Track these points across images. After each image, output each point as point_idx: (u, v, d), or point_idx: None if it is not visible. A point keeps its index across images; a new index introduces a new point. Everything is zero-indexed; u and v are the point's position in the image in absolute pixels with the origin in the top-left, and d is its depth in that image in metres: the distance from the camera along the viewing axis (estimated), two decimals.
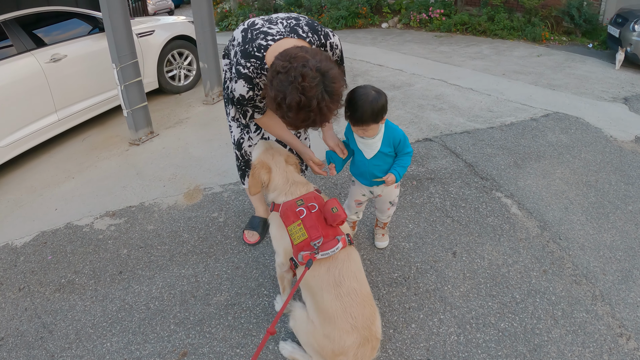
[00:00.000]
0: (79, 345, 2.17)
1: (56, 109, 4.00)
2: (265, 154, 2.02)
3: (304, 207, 1.83)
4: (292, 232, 1.81)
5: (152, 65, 4.92)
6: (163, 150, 3.98)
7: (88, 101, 4.31)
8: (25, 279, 2.62)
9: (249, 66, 1.85)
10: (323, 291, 1.70)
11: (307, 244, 1.75)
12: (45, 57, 3.87)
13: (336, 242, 1.74)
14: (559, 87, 5.20)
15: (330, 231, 1.79)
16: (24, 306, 2.43)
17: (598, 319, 2.15)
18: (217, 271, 2.52)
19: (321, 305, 1.71)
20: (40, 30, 4.10)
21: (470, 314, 2.17)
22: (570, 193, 3.09)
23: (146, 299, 2.39)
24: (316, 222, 1.79)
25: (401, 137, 2.10)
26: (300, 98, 1.54)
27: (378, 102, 1.92)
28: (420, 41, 7.84)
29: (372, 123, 1.97)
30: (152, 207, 3.15)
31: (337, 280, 1.70)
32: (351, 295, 1.69)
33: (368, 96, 1.92)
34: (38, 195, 3.46)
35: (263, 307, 2.27)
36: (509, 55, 6.74)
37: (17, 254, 2.83)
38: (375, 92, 1.95)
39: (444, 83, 5.33)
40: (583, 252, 2.56)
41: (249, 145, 2.44)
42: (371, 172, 2.18)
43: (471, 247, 2.59)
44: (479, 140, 3.81)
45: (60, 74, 3.98)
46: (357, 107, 1.93)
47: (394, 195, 2.38)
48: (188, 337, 2.14)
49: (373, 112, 1.92)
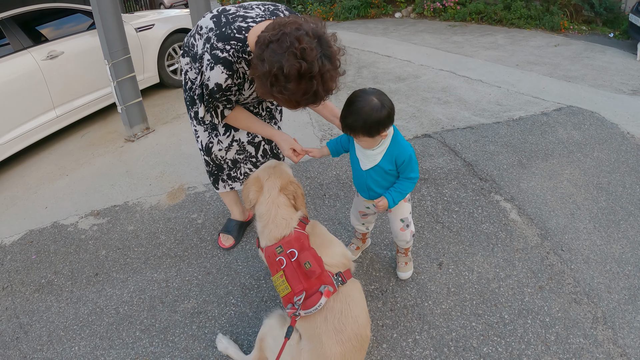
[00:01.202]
0: (50, 347, 2.15)
1: (54, 105, 4.01)
2: (265, 171, 1.83)
3: (283, 255, 1.65)
4: (276, 283, 1.66)
5: (152, 60, 4.87)
6: (156, 147, 3.93)
7: (87, 97, 4.30)
8: (10, 278, 2.61)
9: (229, 49, 1.67)
10: (322, 336, 1.55)
11: (292, 298, 1.60)
12: (42, 55, 3.87)
13: (319, 297, 1.55)
14: (575, 78, 4.84)
15: (315, 281, 1.59)
16: (5, 305, 2.43)
17: (597, 345, 1.91)
18: (188, 276, 2.43)
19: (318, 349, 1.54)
20: (38, 28, 4.10)
21: (449, 335, 1.98)
22: (579, 197, 2.82)
23: (117, 303, 2.33)
24: (296, 271, 1.61)
25: (406, 158, 1.79)
26: (300, 64, 1.38)
27: (375, 114, 1.63)
28: (433, 31, 7.51)
29: (363, 136, 1.71)
30: (135, 207, 3.09)
31: (338, 328, 1.56)
32: (352, 342, 1.55)
33: (367, 103, 1.65)
34: (33, 192, 3.47)
35: (228, 317, 2.16)
36: (524, 45, 6.36)
37: (5, 252, 2.84)
38: (379, 101, 1.65)
39: (453, 75, 5.05)
40: (587, 266, 2.31)
41: (219, 149, 2.27)
42: (367, 185, 1.93)
43: (460, 258, 2.38)
44: (482, 136, 3.55)
45: (57, 71, 3.97)
46: (350, 112, 1.68)
47: (405, 212, 2.04)
48: (151, 345, 2.08)
49: (365, 124, 1.65)
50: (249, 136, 2.28)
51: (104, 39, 3.65)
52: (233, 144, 2.27)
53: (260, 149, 2.35)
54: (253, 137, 2.30)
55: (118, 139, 4.20)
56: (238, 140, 2.28)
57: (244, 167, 2.39)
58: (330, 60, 1.46)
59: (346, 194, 2.96)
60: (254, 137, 2.30)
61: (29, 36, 3.95)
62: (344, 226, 2.67)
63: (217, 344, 1.99)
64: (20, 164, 3.96)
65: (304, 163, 3.36)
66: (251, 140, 2.30)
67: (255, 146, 2.33)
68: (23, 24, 3.95)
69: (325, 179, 3.16)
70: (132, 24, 4.64)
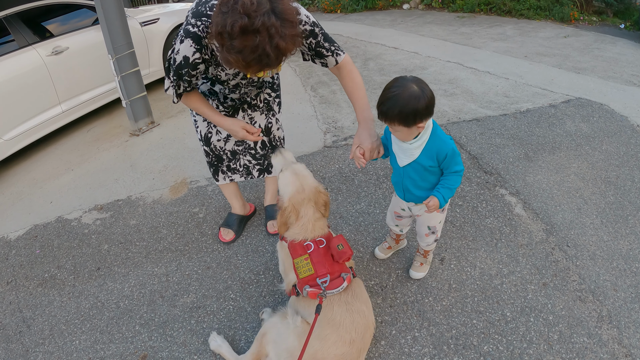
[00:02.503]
0: (52, 341, 2.17)
1: (60, 101, 4.03)
2: (297, 196, 1.83)
3: (312, 241, 1.79)
4: (298, 265, 1.78)
5: (157, 54, 4.86)
6: (160, 141, 3.93)
7: (92, 92, 4.32)
8: (14, 273, 2.65)
9: (199, 25, 1.67)
10: (333, 304, 1.70)
11: (313, 280, 1.74)
12: (47, 50, 3.88)
13: (341, 281, 1.73)
14: (585, 70, 4.71)
15: (337, 267, 1.77)
16: (9, 300, 2.46)
17: (601, 345, 1.86)
18: (188, 270, 2.43)
19: (328, 315, 1.68)
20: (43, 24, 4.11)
21: (449, 333, 1.95)
22: (586, 191, 2.75)
23: (117, 297, 2.35)
24: (323, 258, 1.77)
25: (448, 152, 1.67)
26: (242, 20, 1.36)
27: (412, 103, 1.53)
28: (441, 22, 7.38)
29: (399, 124, 1.60)
30: (137, 201, 3.10)
31: (348, 301, 1.74)
32: (360, 314, 1.71)
33: (405, 90, 1.54)
34: (38, 187, 3.51)
35: (227, 312, 2.16)
36: (534, 36, 6.21)
37: (10, 247, 2.87)
38: (419, 89, 1.55)
39: (460, 66, 4.95)
40: (593, 263, 2.24)
41: (217, 139, 2.28)
42: (404, 184, 1.85)
43: (462, 254, 2.34)
44: (488, 129, 3.47)
45: (62, 66, 3.98)
46: (387, 98, 1.58)
47: (435, 222, 1.96)
48: (150, 340, 2.09)
49: (401, 112, 1.55)
50: None
51: (107, 34, 3.65)
52: (230, 137, 2.28)
53: (258, 141, 2.31)
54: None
55: (123, 133, 4.21)
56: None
57: (243, 158, 2.38)
58: (279, 17, 1.41)
59: (348, 188, 2.93)
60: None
61: (34, 32, 3.96)
62: (345, 220, 2.64)
63: (210, 342, 1.99)
64: (27, 160, 4.00)
65: (306, 156, 3.33)
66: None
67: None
68: (28, 20, 3.96)
69: (327, 172, 3.13)
70: (137, 18, 4.63)
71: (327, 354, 1.60)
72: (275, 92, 2.29)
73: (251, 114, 2.24)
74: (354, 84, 1.93)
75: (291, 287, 1.88)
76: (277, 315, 1.85)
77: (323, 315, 1.68)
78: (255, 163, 2.40)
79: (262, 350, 1.78)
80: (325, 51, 1.85)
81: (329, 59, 1.88)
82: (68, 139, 4.27)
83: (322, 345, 1.61)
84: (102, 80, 4.37)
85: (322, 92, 4.57)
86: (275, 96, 2.28)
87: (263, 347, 1.77)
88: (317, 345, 1.61)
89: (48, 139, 4.25)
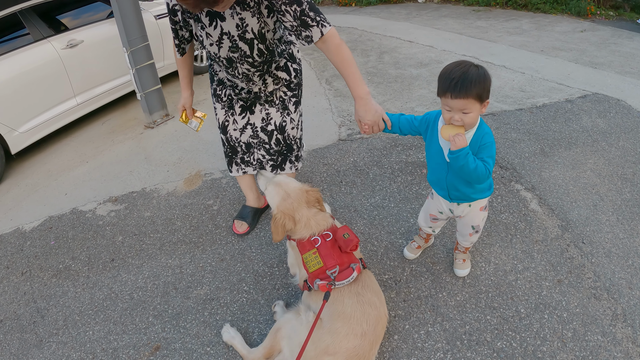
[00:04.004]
0: (65, 331, 2.20)
1: (75, 93, 4.07)
2: (284, 203, 1.86)
3: (318, 235, 1.83)
4: (307, 260, 1.81)
5: (172, 47, 4.86)
6: (175, 134, 3.95)
7: (107, 85, 4.35)
8: (29, 264, 2.68)
9: None
10: (344, 297, 1.71)
11: (323, 272, 1.75)
12: (61, 44, 3.92)
13: (351, 271, 1.74)
14: (602, 65, 4.62)
15: (345, 258, 1.79)
16: (23, 290, 2.50)
17: (615, 343, 1.82)
18: (201, 263, 2.44)
19: (339, 308, 1.69)
20: (57, 17, 4.15)
21: (463, 328, 1.93)
22: (602, 187, 2.70)
23: (131, 289, 2.37)
24: (331, 250, 1.79)
25: (489, 142, 1.62)
26: None
27: (482, 79, 1.51)
28: (456, 16, 7.29)
29: (475, 100, 1.52)
30: (152, 193, 3.12)
31: (359, 292, 1.74)
32: (371, 305, 1.70)
33: (471, 69, 1.53)
34: (53, 179, 3.55)
35: (240, 304, 2.17)
36: (550, 30, 6.12)
37: (25, 238, 2.91)
38: (480, 69, 1.55)
39: (476, 60, 4.85)
40: (608, 260, 2.21)
41: (234, 129, 2.31)
42: (449, 181, 1.78)
43: (477, 249, 2.31)
44: (504, 123, 3.43)
45: (77, 59, 4.01)
46: (458, 76, 1.51)
47: (478, 220, 1.93)
48: (163, 331, 2.10)
49: (479, 85, 1.50)
50: (262, 122, 2.28)
51: (122, 27, 3.67)
52: (247, 127, 2.31)
53: (273, 137, 2.33)
54: (266, 124, 2.29)
55: (138, 125, 4.24)
56: (252, 124, 2.30)
57: (257, 152, 2.39)
58: None
59: (363, 182, 2.91)
60: (267, 124, 2.29)
61: (49, 25, 3.99)
62: (360, 214, 2.63)
63: (223, 334, 1.99)
64: (42, 152, 4.05)
65: (321, 149, 3.32)
66: (264, 127, 2.29)
67: (268, 134, 2.32)
68: (42, 14, 3.99)
69: (342, 166, 3.11)
70: (151, 11, 4.64)
71: (339, 347, 1.59)
72: (292, 91, 2.27)
73: (268, 109, 2.27)
74: (343, 59, 1.82)
75: (303, 282, 1.89)
76: (291, 311, 1.87)
77: (334, 308, 1.69)
78: (269, 158, 2.40)
79: (276, 345, 1.78)
80: (311, 21, 1.76)
81: (314, 30, 1.78)
82: (83, 132, 4.32)
83: (334, 339, 1.60)
84: (117, 73, 4.40)
85: (337, 85, 4.55)
86: (292, 95, 2.27)
87: (277, 342, 1.78)
88: (328, 339, 1.60)
89: (63, 132, 4.30)
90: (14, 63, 3.65)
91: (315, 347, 1.60)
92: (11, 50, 3.69)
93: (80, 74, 4.07)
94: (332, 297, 1.72)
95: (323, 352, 1.59)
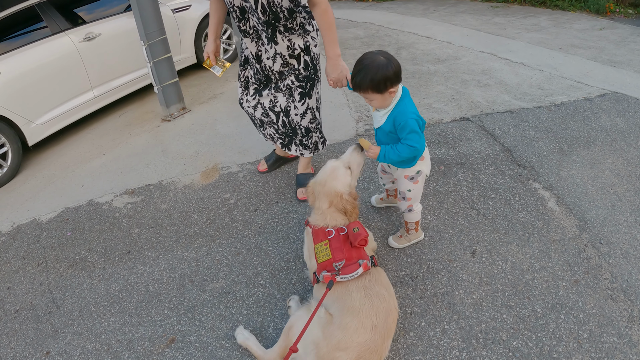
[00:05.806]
0: (81, 322, 2.22)
1: (92, 86, 4.11)
2: (316, 186, 2.01)
3: (333, 228, 1.89)
4: (318, 250, 1.86)
5: (189, 40, 4.89)
6: (192, 127, 3.96)
7: (124, 78, 4.39)
8: (45, 255, 2.72)
9: None
10: (352, 291, 1.72)
11: (330, 264, 1.79)
12: (79, 37, 3.96)
13: (357, 267, 1.75)
14: (621, 63, 4.52)
15: (354, 254, 1.81)
16: (39, 281, 2.53)
17: (632, 346, 1.80)
18: (218, 256, 2.46)
19: (347, 302, 1.69)
20: (75, 10, 4.18)
21: (479, 327, 1.91)
22: (620, 187, 2.65)
23: (147, 281, 2.39)
24: (342, 244, 1.83)
25: (402, 121, 1.83)
26: None
27: (382, 71, 1.74)
28: (474, 12, 7.19)
29: (372, 92, 1.80)
30: (168, 186, 3.14)
31: (367, 286, 1.74)
32: (379, 298, 1.70)
33: (373, 61, 1.76)
34: (70, 171, 3.59)
35: (256, 298, 2.17)
36: (568, 27, 6.01)
37: (41, 229, 2.95)
38: (385, 59, 1.77)
39: (494, 57, 4.81)
40: (626, 261, 2.17)
41: (248, 106, 2.63)
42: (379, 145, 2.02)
43: (494, 247, 2.29)
44: (522, 121, 3.37)
45: (94, 52, 4.06)
46: (358, 70, 1.80)
47: (404, 187, 2.09)
48: (179, 324, 2.12)
49: (373, 80, 1.76)
50: (270, 104, 2.53)
51: (140, 20, 3.69)
52: (258, 107, 2.58)
53: (280, 119, 2.55)
54: (273, 106, 2.51)
55: (155, 118, 4.26)
56: (262, 104, 2.56)
57: (269, 129, 2.67)
58: None
59: None
60: (274, 105, 2.52)
61: (66, 19, 4.03)
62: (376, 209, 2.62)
63: (237, 336, 1.97)
64: (59, 144, 4.10)
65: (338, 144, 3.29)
66: (272, 108, 2.54)
67: (275, 115, 2.55)
68: (60, 7, 4.03)
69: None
70: (169, 5, 4.66)
71: (350, 342, 1.58)
72: (300, 82, 2.41)
73: (275, 94, 2.49)
74: (326, 23, 2.12)
75: (313, 274, 1.90)
76: (302, 308, 1.87)
77: (342, 303, 1.69)
78: (278, 137, 2.66)
79: (290, 343, 1.78)
80: None
81: None
82: (100, 124, 4.36)
83: (344, 334, 1.59)
84: (134, 66, 4.44)
85: None
86: (298, 85, 2.42)
87: (290, 340, 1.77)
88: (339, 335, 1.60)
89: (80, 124, 4.35)
90: (32, 56, 3.70)
91: (327, 343, 1.60)
92: (29, 43, 3.74)
93: (98, 67, 4.11)
94: (340, 291, 1.72)
95: (335, 348, 1.58)
